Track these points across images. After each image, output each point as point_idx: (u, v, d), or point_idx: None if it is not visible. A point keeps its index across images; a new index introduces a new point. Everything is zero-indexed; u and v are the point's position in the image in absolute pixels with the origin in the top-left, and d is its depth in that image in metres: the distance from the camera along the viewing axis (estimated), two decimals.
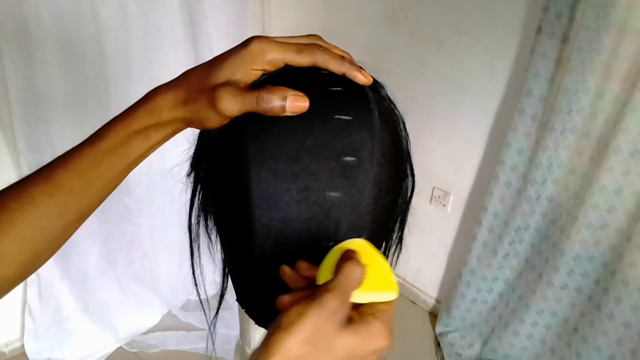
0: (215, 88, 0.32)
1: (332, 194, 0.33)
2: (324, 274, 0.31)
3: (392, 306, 0.32)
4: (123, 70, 1.39)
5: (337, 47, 0.37)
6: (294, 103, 0.32)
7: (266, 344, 0.28)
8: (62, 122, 1.34)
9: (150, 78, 1.42)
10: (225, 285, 0.43)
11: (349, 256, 0.31)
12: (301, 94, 0.32)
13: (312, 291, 0.29)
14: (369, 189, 0.33)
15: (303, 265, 0.33)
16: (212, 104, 0.32)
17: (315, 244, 0.34)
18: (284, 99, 0.31)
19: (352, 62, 0.35)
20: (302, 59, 0.33)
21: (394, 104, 0.40)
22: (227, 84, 0.32)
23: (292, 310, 0.28)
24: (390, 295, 0.32)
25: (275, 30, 1.74)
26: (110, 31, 1.33)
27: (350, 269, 0.30)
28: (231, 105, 0.32)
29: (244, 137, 0.33)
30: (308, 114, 0.32)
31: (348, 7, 1.79)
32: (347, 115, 0.33)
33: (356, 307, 0.31)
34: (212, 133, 0.36)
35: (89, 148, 0.35)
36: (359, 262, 0.30)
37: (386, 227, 0.39)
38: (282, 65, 0.33)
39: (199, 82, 0.33)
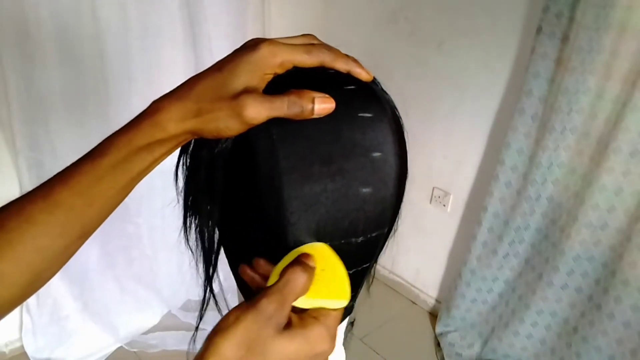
0: (238, 96, 0.31)
1: (364, 190, 0.34)
2: (274, 276, 0.31)
3: (340, 312, 0.32)
4: (123, 70, 1.39)
5: (331, 46, 0.37)
6: (322, 105, 0.32)
7: (204, 346, 0.28)
8: (62, 121, 1.34)
9: (150, 78, 1.42)
10: (206, 301, 0.44)
11: (297, 260, 0.31)
12: (327, 95, 0.32)
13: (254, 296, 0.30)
14: (393, 182, 0.35)
15: (261, 263, 0.34)
16: (237, 112, 0.31)
17: (347, 241, 0.35)
18: (312, 101, 0.32)
19: (354, 60, 0.36)
20: (311, 60, 0.34)
21: (388, 95, 0.41)
22: (249, 90, 0.31)
23: (231, 314, 0.29)
24: (339, 303, 0.32)
25: (275, 30, 1.74)
26: (110, 31, 1.33)
27: (292, 275, 0.30)
28: (259, 112, 0.31)
29: (272, 144, 0.33)
30: (332, 114, 0.33)
31: (348, 7, 1.79)
32: (368, 113, 0.34)
33: (302, 310, 0.31)
34: (223, 144, 0.35)
35: (89, 164, 0.33)
36: (304, 268, 0.30)
37: (397, 219, 0.40)
38: (291, 67, 0.33)
39: (212, 91, 0.32)
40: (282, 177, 0.33)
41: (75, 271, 1.53)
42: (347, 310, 0.42)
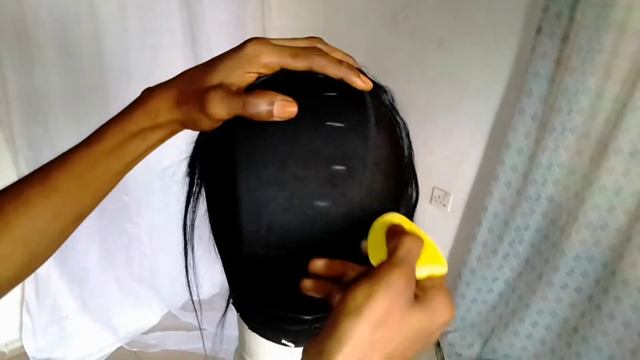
0: (207, 90, 0.31)
1: (319, 203, 0.32)
2: (376, 251, 0.30)
3: (445, 279, 0.31)
4: (121, 70, 1.39)
5: (338, 50, 0.36)
6: (282, 108, 0.30)
7: (333, 331, 0.26)
8: (61, 120, 1.34)
9: (149, 78, 1.41)
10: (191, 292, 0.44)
11: (402, 230, 0.30)
12: (290, 99, 0.31)
13: (369, 270, 0.28)
14: (361, 199, 0.32)
15: (320, 265, 0.32)
16: (202, 106, 0.31)
17: (305, 252, 0.32)
18: (272, 103, 0.30)
19: (350, 67, 0.34)
20: (298, 63, 0.32)
21: (396, 111, 0.38)
22: (219, 86, 0.31)
23: (358, 293, 0.26)
24: (443, 268, 0.30)
25: (274, 30, 1.73)
26: (108, 31, 1.33)
27: (411, 244, 0.28)
28: (219, 108, 0.31)
29: (233, 141, 0.33)
30: (299, 119, 0.31)
31: (348, 7, 1.79)
32: (339, 122, 0.32)
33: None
34: (208, 135, 0.36)
35: (85, 150, 0.34)
36: (418, 239, 0.29)
37: None
38: (277, 68, 0.33)
39: (193, 83, 0.33)
40: (237, 176, 0.32)
41: (75, 271, 1.53)
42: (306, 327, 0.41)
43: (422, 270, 0.29)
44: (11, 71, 1.23)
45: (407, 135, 0.38)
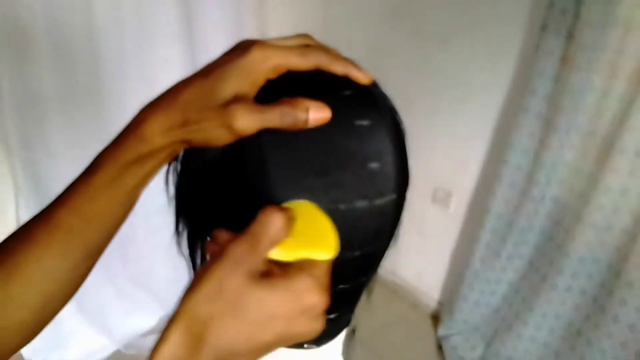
0: (227, 106, 0.29)
1: (360, 203, 0.32)
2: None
3: (328, 264, 0.29)
4: (117, 68, 1.38)
5: (329, 47, 0.35)
6: (317, 115, 0.30)
7: (175, 309, 0.26)
8: (56, 120, 1.34)
9: (145, 76, 1.41)
10: None
11: (272, 208, 0.29)
12: (321, 104, 0.30)
13: None
14: (392, 194, 0.33)
15: (222, 234, 0.31)
16: (226, 123, 0.29)
17: (343, 255, 0.32)
18: (306, 111, 0.30)
19: (350, 61, 0.34)
20: (307, 62, 0.32)
21: (389, 100, 0.39)
22: (240, 99, 0.30)
23: (200, 269, 0.26)
24: (325, 254, 0.29)
25: (272, 27, 1.72)
26: (104, 29, 1.32)
27: (264, 217, 0.28)
28: (250, 123, 0.29)
29: (262, 152, 0.31)
30: (328, 122, 0.31)
31: (347, 3, 1.77)
32: (366, 121, 0.32)
33: (284, 265, 0.28)
34: (214, 153, 0.33)
35: (83, 184, 0.33)
36: (279, 211, 0.28)
37: (398, 228, 0.39)
38: (285, 70, 0.32)
39: (199, 100, 0.30)
40: (272, 189, 0.31)
41: None
42: (345, 322, 0.41)
43: (292, 254, 0.28)
44: (5, 70, 1.22)
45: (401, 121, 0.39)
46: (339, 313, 0.38)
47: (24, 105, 1.28)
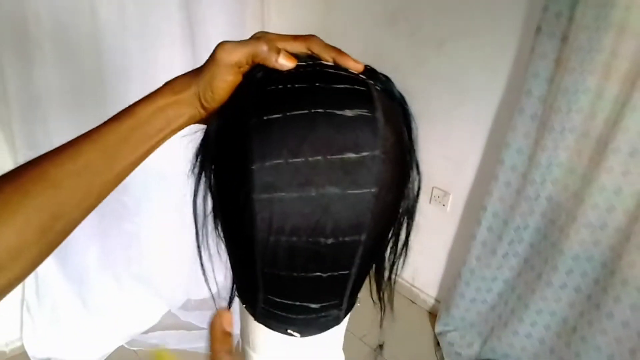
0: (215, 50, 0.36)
1: (331, 189, 0.33)
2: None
3: None
4: (121, 70, 1.39)
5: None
6: (284, 60, 0.35)
7: None
8: (60, 120, 1.34)
9: (148, 77, 1.42)
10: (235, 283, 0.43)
11: None
12: (291, 56, 0.36)
13: None
14: (370, 187, 0.33)
15: (226, 319, 0.37)
16: (215, 59, 0.35)
17: (315, 240, 0.34)
18: (278, 52, 0.35)
19: (341, 51, 0.37)
20: (297, 43, 0.37)
21: (403, 99, 0.40)
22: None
23: None
24: None
25: (274, 30, 1.73)
26: (108, 30, 1.32)
27: None
28: (232, 49, 0.35)
29: (249, 130, 0.33)
30: (313, 110, 0.33)
31: (347, 7, 1.79)
32: (350, 112, 0.33)
33: None
34: (218, 123, 0.37)
35: (116, 124, 0.35)
36: None
37: (387, 228, 0.39)
38: (279, 48, 0.37)
39: (207, 61, 0.37)
40: (252, 163, 0.32)
41: (76, 271, 1.54)
42: (333, 319, 0.41)
43: None
44: (11, 70, 1.23)
45: (412, 124, 0.40)
46: (320, 303, 0.39)
47: (29, 106, 1.29)
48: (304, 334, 0.40)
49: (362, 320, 0.44)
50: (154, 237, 1.64)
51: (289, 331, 0.40)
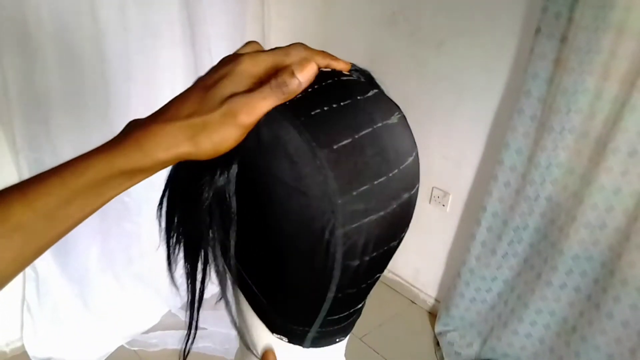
0: (225, 101, 0.29)
1: (404, 195, 0.33)
2: None
3: None
4: (122, 71, 1.39)
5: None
6: (305, 73, 0.30)
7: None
8: (62, 121, 1.35)
9: (149, 78, 1.43)
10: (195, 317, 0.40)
11: None
12: (305, 62, 0.31)
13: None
14: (416, 184, 0.35)
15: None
16: (228, 115, 0.29)
17: (389, 246, 0.35)
18: (292, 73, 0.30)
19: (326, 53, 0.35)
20: (290, 60, 0.32)
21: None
22: (234, 94, 0.30)
23: None
24: None
25: (274, 31, 1.74)
26: (109, 32, 1.33)
27: None
28: (251, 108, 0.29)
29: (321, 163, 0.30)
30: (374, 125, 0.32)
31: (347, 8, 1.79)
32: (394, 118, 0.34)
33: None
34: (232, 167, 0.32)
35: (58, 185, 0.29)
36: None
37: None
38: (273, 71, 0.32)
39: (201, 105, 0.30)
40: (338, 197, 0.30)
41: (76, 270, 1.54)
42: (358, 314, 0.41)
43: None
44: (12, 71, 1.23)
45: None
46: (363, 301, 0.39)
47: (31, 107, 1.29)
48: (345, 335, 0.41)
49: (362, 320, 0.44)
50: (155, 237, 1.64)
51: (337, 340, 0.40)
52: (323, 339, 0.39)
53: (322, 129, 0.30)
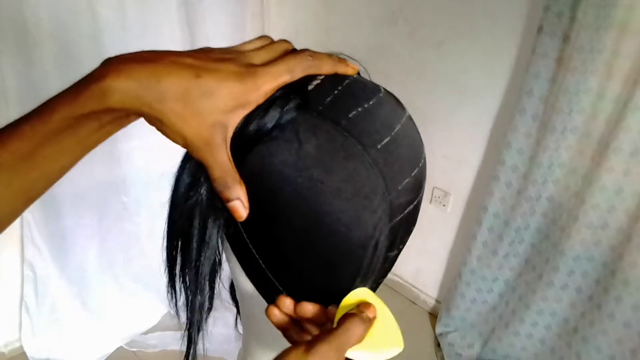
0: (215, 123, 0.30)
1: (424, 182, 0.37)
2: (336, 320, 0.31)
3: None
4: None
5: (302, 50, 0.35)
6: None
7: None
8: None
9: None
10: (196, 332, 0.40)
11: (358, 310, 0.31)
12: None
13: (315, 338, 0.29)
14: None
15: (286, 302, 0.33)
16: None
17: (397, 251, 0.36)
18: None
19: (336, 58, 0.35)
20: (296, 76, 0.32)
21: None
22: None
23: (293, 355, 0.28)
24: (394, 351, 0.31)
25: (274, 30, 1.73)
26: (108, 31, 1.33)
27: (352, 324, 0.30)
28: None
29: (369, 162, 0.31)
30: (403, 119, 0.34)
31: (347, 7, 1.79)
32: (406, 113, 0.36)
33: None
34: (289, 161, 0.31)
35: (29, 129, 0.30)
36: (363, 320, 0.30)
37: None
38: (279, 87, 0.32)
39: (182, 94, 0.29)
40: (389, 193, 0.32)
41: (75, 271, 1.53)
42: None
43: (364, 355, 0.30)
44: (10, 71, 1.22)
45: None
46: None
47: (29, 106, 1.28)
48: None
49: None
50: (154, 237, 1.64)
51: None
52: None
53: (364, 130, 0.31)
